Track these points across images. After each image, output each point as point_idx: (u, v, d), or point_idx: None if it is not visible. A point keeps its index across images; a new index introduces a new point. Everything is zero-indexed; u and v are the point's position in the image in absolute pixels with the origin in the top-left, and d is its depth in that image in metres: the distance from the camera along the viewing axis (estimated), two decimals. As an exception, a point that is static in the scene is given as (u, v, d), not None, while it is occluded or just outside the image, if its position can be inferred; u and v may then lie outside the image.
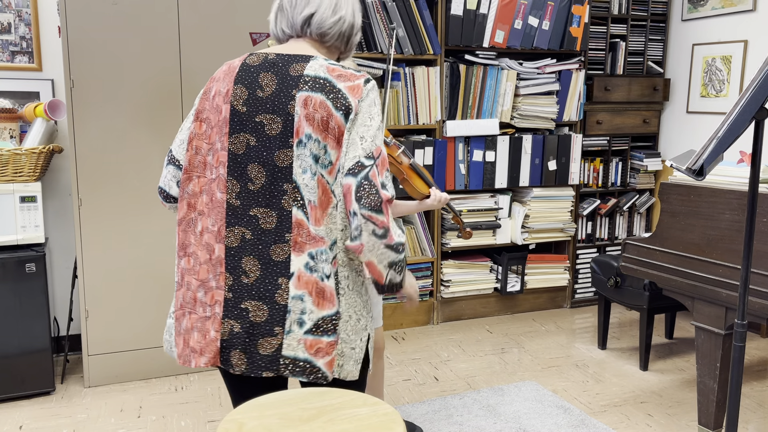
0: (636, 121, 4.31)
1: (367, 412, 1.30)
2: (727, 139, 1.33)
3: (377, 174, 1.41)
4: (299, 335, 1.41)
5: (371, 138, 1.44)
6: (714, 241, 2.36)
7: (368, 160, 1.42)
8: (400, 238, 1.45)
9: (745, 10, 3.80)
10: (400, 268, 1.48)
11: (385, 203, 1.42)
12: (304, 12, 1.51)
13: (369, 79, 1.49)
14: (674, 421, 2.81)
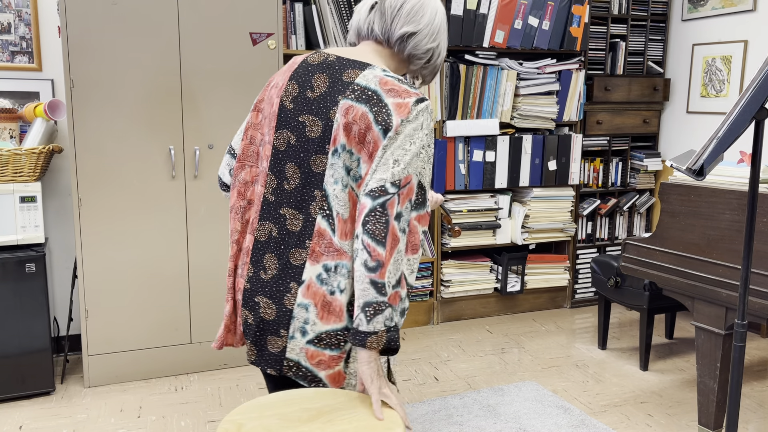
0: (636, 121, 4.31)
1: (367, 413, 1.30)
2: (727, 139, 1.33)
3: (396, 203, 1.33)
4: (301, 343, 1.40)
5: (405, 164, 1.35)
6: (714, 241, 2.36)
7: (393, 187, 1.33)
8: (386, 283, 1.30)
9: (745, 10, 3.80)
10: (371, 314, 1.30)
11: (392, 236, 1.32)
12: (404, 28, 1.47)
13: (423, 99, 1.40)
14: (674, 421, 2.81)
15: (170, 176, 3.05)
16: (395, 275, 1.32)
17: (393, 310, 1.31)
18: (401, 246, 1.33)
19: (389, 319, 1.31)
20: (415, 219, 1.36)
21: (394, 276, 1.32)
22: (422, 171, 1.38)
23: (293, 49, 3.44)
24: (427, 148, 1.39)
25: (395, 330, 1.32)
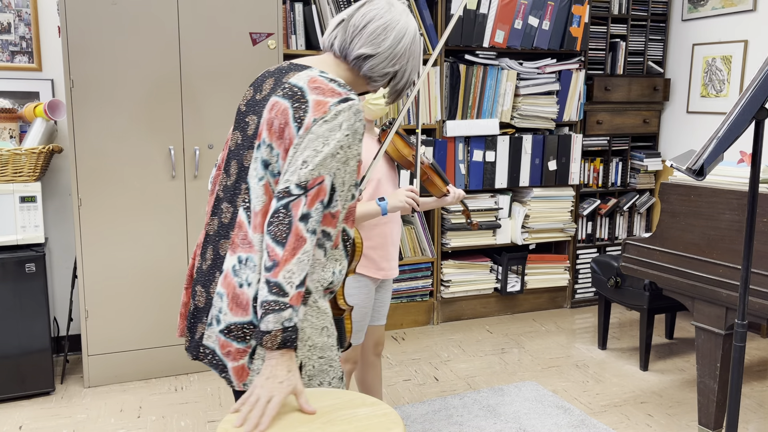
0: (636, 121, 4.31)
1: (366, 413, 1.30)
2: (728, 139, 1.33)
3: (303, 204, 1.32)
4: (216, 331, 1.43)
5: (315, 165, 1.33)
6: (714, 241, 2.36)
7: (298, 189, 1.33)
8: (285, 283, 1.29)
9: (745, 10, 3.80)
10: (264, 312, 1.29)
11: (295, 237, 1.30)
12: (362, 49, 1.47)
13: (348, 99, 1.38)
14: (674, 421, 2.81)
15: (170, 176, 3.05)
16: (299, 275, 1.30)
17: (294, 311, 1.30)
18: (308, 247, 1.31)
19: (288, 319, 1.30)
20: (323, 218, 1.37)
21: (297, 276, 1.30)
22: (338, 172, 1.36)
23: (293, 49, 3.44)
24: (347, 149, 1.37)
25: (293, 330, 1.31)
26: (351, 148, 1.38)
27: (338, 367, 1.49)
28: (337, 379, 1.49)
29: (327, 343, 1.47)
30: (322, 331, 1.46)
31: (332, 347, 1.48)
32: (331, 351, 1.47)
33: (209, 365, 1.47)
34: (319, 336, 1.45)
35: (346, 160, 1.38)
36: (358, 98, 1.42)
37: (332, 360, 1.47)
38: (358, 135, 1.39)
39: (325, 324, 1.46)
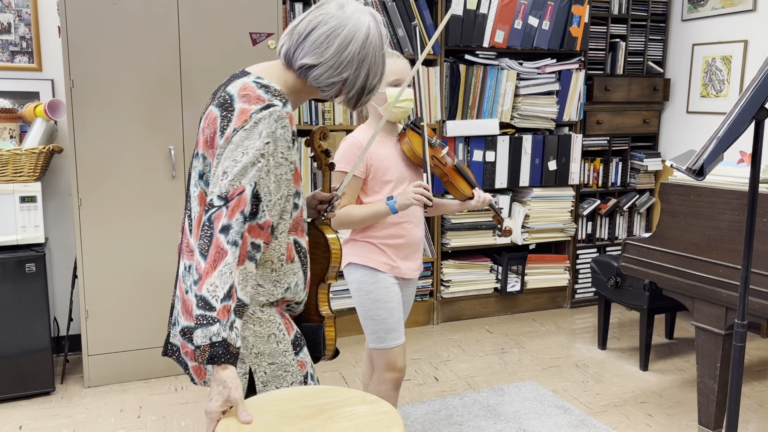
0: (636, 121, 4.31)
1: (366, 411, 1.30)
2: (728, 139, 1.33)
3: (224, 216, 1.30)
4: (177, 331, 1.45)
5: (234, 175, 1.31)
6: (714, 241, 2.36)
7: (219, 200, 1.31)
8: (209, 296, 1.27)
9: (745, 10, 3.80)
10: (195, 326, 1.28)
11: (216, 249, 1.29)
12: (304, 59, 1.41)
13: (269, 105, 1.34)
14: (674, 421, 2.81)
15: (170, 176, 3.05)
16: (222, 288, 1.28)
17: (221, 325, 1.27)
18: (230, 259, 1.29)
19: (215, 334, 1.27)
20: (247, 229, 1.32)
21: (221, 289, 1.28)
22: (260, 181, 1.32)
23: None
24: (270, 157, 1.33)
25: (221, 345, 1.27)
26: (274, 156, 1.34)
27: (297, 371, 1.48)
28: (297, 383, 1.48)
29: (277, 350, 1.45)
30: (269, 338, 1.44)
31: (285, 353, 1.46)
32: (285, 357, 1.45)
33: (176, 362, 1.52)
34: (265, 344, 1.43)
35: (269, 169, 1.33)
36: (283, 104, 1.36)
37: (287, 365, 1.46)
38: (282, 142, 1.35)
39: (272, 331, 1.44)
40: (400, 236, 2.16)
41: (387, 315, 2.13)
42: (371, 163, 2.10)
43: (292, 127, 1.38)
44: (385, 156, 2.13)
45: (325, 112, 3.52)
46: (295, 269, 1.46)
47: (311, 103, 3.48)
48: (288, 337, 1.47)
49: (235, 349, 1.30)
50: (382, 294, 2.13)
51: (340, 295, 3.67)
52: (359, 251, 2.17)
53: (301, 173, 1.46)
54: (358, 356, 3.48)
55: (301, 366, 1.50)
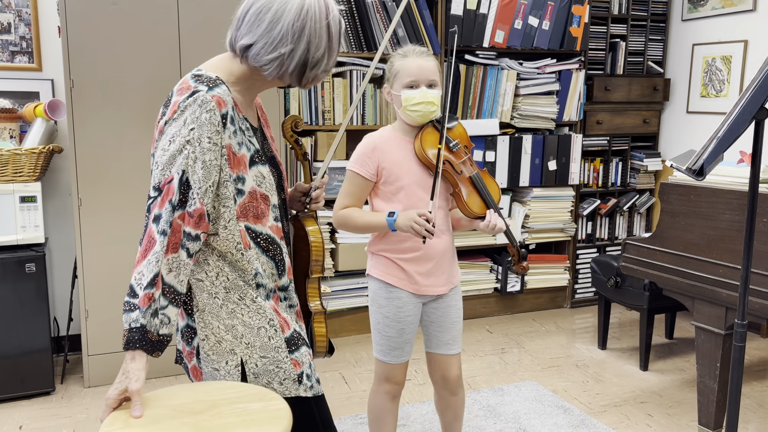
0: (636, 121, 4.31)
1: (259, 408, 1.30)
2: (728, 139, 1.33)
3: (157, 206, 1.32)
4: (178, 336, 1.52)
5: (163, 165, 1.33)
6: (714, 241, 2.36)
7: (154, 191, 1.34)
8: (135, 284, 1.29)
9: (745, 10, 3.80)
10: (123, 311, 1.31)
11: (148, 238, 1.31)
12: (242, 40, 1.39)
13: (195, 92, 1.34)
14: (674, 421, 2.81)
15: (170, 176, 3.05)
16: (147, 276, 1.29)
17: (141, 312, 1.28)
18: (158, 248, 1.30)
19: (134, 320, 1.28)
20: (178, 218, 1.32)
21: (145, 277, 1.29)
22: (188, 169, 1.32)
23: (293, 49, 3.44)
24: (196, 144, 1.32)
25: (137, 331, 1.28)
26: (200, 141, 1.33)
27: (290, 369, 1.47)
28: (290, 380, 1.47)
29: (269, 344, 1.45)
30: (259, 330, 1.44)
31: (278, 349, 1.46)
32: (277, 353, 1.45)
33: (183, 368, 1.54)
34: (255, 335, 1.43)
35: (197, 156, 1.32)
36: (209, 88, 1.35)
37: (279, 361, 1.46)
38: (209, 126, 1.33)
39: (262, 324, 1.44)
40: (416, 249, 1.97)
41: (394, 334, 2.02)
42: (383, 167, 1.94)
43: (221, 110, 1.35)
44: (399, 161, 1.95)
45: (325, 112, 3.52)
46: (255, 255, 1.44)
47: (311, 104, 3.48)
48: (281, 334, 1.47)
49: (156, 336, 1.30)
50: (392, 312, 2.01)
51: (340, 296, 3.67)
52: (376, 264, 2.04)
53: (246, 158, 1.41)
54: (358, 356, 3.48)
55: (296, 365, 1.48)
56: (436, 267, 2.01)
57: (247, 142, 1.43)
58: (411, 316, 2.03)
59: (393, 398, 2.10)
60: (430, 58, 1.95)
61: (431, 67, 1.93)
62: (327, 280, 3.62)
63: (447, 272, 2.04)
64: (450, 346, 2.08)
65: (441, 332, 2.08)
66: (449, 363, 2.09)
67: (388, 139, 1.99)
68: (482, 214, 1.97)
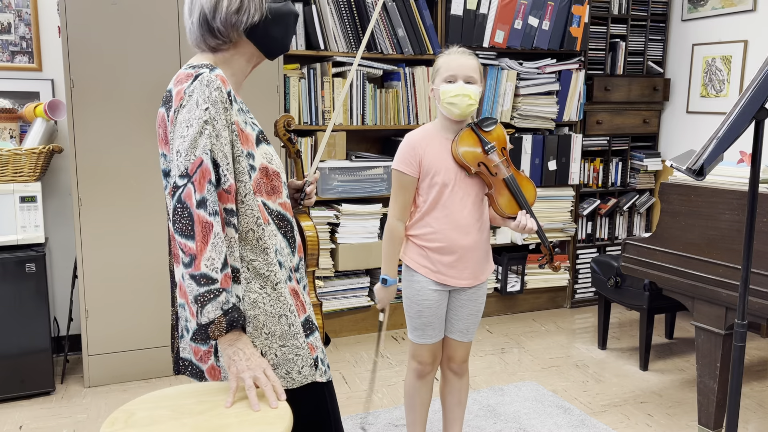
0: (636, 121, 4.31)
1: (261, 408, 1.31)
2: (728, 139, 1.33)
3: (193, 192, 1.31)
4: (188, 340, 1.48)
5: (186, 151, 1.33)
6: (714, 241, 2.36)
7: (182, 179, 1.32)
8: (209, 271, 1.29)
9: (745, 10, 3.80)
10: (200, 305, 1.30)
11: (201, 224, 1.29)
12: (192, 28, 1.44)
13: (197, 76, 1.37)
14: (674, 421, 2.81)
15: (170, 176, 3.05)
16: (218, 259, 1.30)
17: (228, 293, 1.31)
18: (217, 228, 1.30)
19: (225, 302, 1.30)
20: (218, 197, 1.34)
21: (218, 260, 1.30)
22: (214, 147, 1.33)
23: (293, 50, 3.44)
24: (214, 122, 1.34)
25: (234, 310, 1.31)
26: (217, 120, 1.34)
27: (307, 354, 1.47)
28: (307, 367, 1.47)
29: (288, 332, 1.44)
30: (280, 319, 1.43)
31: (296, 335, 1.45)
32: (296, 339, 1.45)
33: (190, 376, 1.51)
34: (276, 324, 1.43)
35: (218, 134, 1.34)
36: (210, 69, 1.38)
37: (298, 348, 1.45)
38: (220, 104, 1.35)
39: (283, 312, 1.44)
40: (437, 240, 2.08)
41: (414, 314, 2.15)
42: (423, 163, 2.05)
43: (226, 87, 1.37)
44: (439, 158, 2.04)
45: (325, 112, 3.52)
46: (273, 231, 1.46)
47: (311, 104, 3.48)
48: (298, 319, 1.46)
49: (243, 313, 1.34)
50: (413, 293, 2.14)
51: (340, 296, 3.67)
52: (406, 248, 2.16)
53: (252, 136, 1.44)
54: (358, 356, 3.48)
55: (311, 349, 1.49)
56: (460, 261, 2.10)
57: (251, 122, 1.46)
58: (430, 300, 2.12)
59: (420, 377, 2.22)
60: (470, 56, 2.05)
61: (471, 64, 2.03)
62: (327, 280, 3.62)
63: (472, 268, 2.12)
64: (463, 334, 2.21)
65: (457, 321, 2.20)
66: (458, 346, 2.22)
67: (429, 135, 2.10)
68: (514, 214, 2.06)
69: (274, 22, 1.43)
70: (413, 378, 2.25)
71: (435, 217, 2.07)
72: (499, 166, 2.03)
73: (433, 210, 2.07)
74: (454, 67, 2.01)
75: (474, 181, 2.06)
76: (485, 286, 2.22)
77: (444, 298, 2.15)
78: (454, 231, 2.07)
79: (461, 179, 2.05)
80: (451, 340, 2.22)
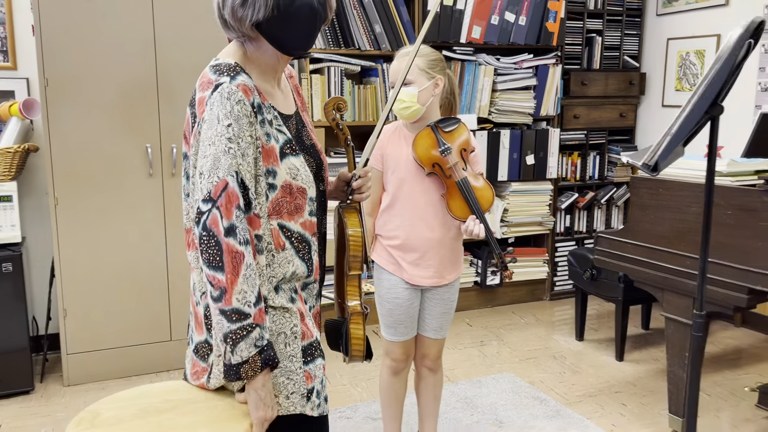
0: (613, 115, 4.36)
1: (224, 406, 1.30)
2: (680, 135, 1.37)
3: (219, 219, 1.19)
4: (190, 351, 1.40)
5: (209, 172, 1.20)
6: (682, 233, 2.41)
7: (205, 204, 1.20)
8: (242, 305, 1.18)
9: (717, 4, 3.85)
10: (232, 344, 1.19)
11: (230, 254, 1.18)
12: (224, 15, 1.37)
13: (218, 85, 1.24)
14: (647, 410, 2.86)
15: (147, 174, 3.06)
16: (252, 293, 1.19)
17: (262, 329, 1.21)
18: (249, 259, 1.19)
19: (259, 338, 1.20)
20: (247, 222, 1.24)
21: (250, 294, 1.19)
22: (240, 168, 1.22)
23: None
24: (238, 140, 1.22)
25: (270, 348, 1.22)
26: (241, 136, 1.22)
27: (301, 382, 1.34)
28: (298, 395, 1.34)
29: (284, 352, 1.32)
30: (278, 337, 1.32)
31: (292, 357, 1.33)
32: (291, 362, 1.32)
33: None
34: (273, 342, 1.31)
35: (243, 152, 1.23)
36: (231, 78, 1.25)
37: (291, 372, 1.33)
38: (245, 119, 1.23)
39: (282, 329, 1.32)
40: (395, 236, 2.09)
41: (386, 312, 2.17)
42: (385, 158, 2.10)
43: (249, 98, 1.25)
44: (400, 153, 2.07)
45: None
46: (289, 257, 1.33)
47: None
48: (299, 342, 1.34)
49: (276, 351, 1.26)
50: (384, 291, 2.15)
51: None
52: (375, 247, 2.18)
53: (276, 150, 1.30)
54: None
55: (308, 378, 1.36)
56: (423, 259, 2.10)
57: (275, 133, 1.32)
58: (400, 299, 2.14)
59: (394, 373, 2.25)
60: (406, 58, 2.00)
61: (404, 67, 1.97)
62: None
63: (437, 266, 2.11)
64: (436, 332, 2.23)
65: (430, 319, 2.21)
66: (431, 343, 2.24)
67: (396, 131, 2.15)
68: (463, 218, 2.04)
69: (283, 18, 1.29)
70: (387, 374, 2.27)
71: (397, 212, 2.10)
72: (453, 168, 2.01)
73: (395, 205, 2.10)
74: (391, 73, 2.10)
75: (433, 180, 2.07)
76: (457, 286, 2.22)
77: (415, 297, 2.17)
78: (417, 226, 2.07)
79: (421, 177, 2.06)
80: (424, 337, 2.23)
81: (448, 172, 2.02)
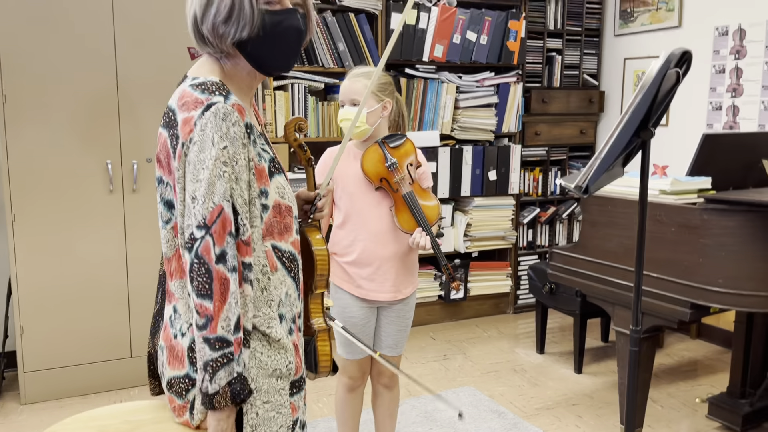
0: (573, 132, 4.46)
1: (183, 428, 1.30)
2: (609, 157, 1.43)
3: (212, 246, 1.17)
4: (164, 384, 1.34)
5: (204, 196, 1.17)
6: (629, 249, 2.49)
7: (200, 230, 1.17)
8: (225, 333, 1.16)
9: (671, 26, 3.99)
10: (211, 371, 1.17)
11: (219, 282, 1.17)
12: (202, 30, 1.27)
13: (209, 105, 1.19)
14: (602, 421, 2.92)
15: (108, 190, 3.05)
16: (233, 320, 1.18)
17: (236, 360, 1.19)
18: (233, 287, 1.18)
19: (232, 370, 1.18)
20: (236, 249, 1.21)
21: (232, 321, 1.18)
22: (234, 193, 1.20)
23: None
24: (232, 163, 1.19)
25: (238, 381, 1.19)
26: (236, 159, 1.20)
27: (287, 415, 1.32)
28: (285, 428, 1.31)
29: (275, 386, 1.30)
30: (272, 374, 1.29)
31: (281, 391, 1.31)
32: (280, 395, 1.30)
33: None
34: (265, 378, 1.28)
35: (237, 176, 1.21)
36: (225, 97, 1.22)
37: (281, 406, 1.31)
38: (239, 140, 1.21)
39: (278, 366, 1.30)
40: (353, 252, 2.12)
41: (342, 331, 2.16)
42: (335, 175, 2.10)
43: (243, 119, 1.23)
44: (346, 170, 2.11)
45: (267, 125, 3.56)
46: (281, 278, 1.32)
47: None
48: (291, 376, 1.33)
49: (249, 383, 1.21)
50: (339, 310, 2.16)
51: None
52: (332, 264, 2.17)
53: (265, 169, 1.29)
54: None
55: (293, 410, 1.34)
56: (378, 272, 2.13)
57: (262, 152, 1.30)
58: (356, 318, 2.16)
59: (349, 390, 2.27)
60: (359, 78, 2.09)
61: (355, 87, 2.09)
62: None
63: (393, 280, 2.14)
64: (392, 349, 2.25)
65: (386, 336, 2.24)
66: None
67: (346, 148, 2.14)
68: (410, 231, 2.10)
69: (268, 39, 1.26)
70: (343, 392, 2.29)
71: (351, 228, 2.13)
72: (400, 182, 2.09)
73: (348, 221, 2.14)
74: (342, 92, 2.12)
75: (382, 194, 2.12)
76: (412, 302, 2.25)
77: (371, 315, 2.19)
78: (369, 240, 2.11)
79: (371, 191, 2.11)
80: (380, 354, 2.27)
81: (395, 186, 2.09)
